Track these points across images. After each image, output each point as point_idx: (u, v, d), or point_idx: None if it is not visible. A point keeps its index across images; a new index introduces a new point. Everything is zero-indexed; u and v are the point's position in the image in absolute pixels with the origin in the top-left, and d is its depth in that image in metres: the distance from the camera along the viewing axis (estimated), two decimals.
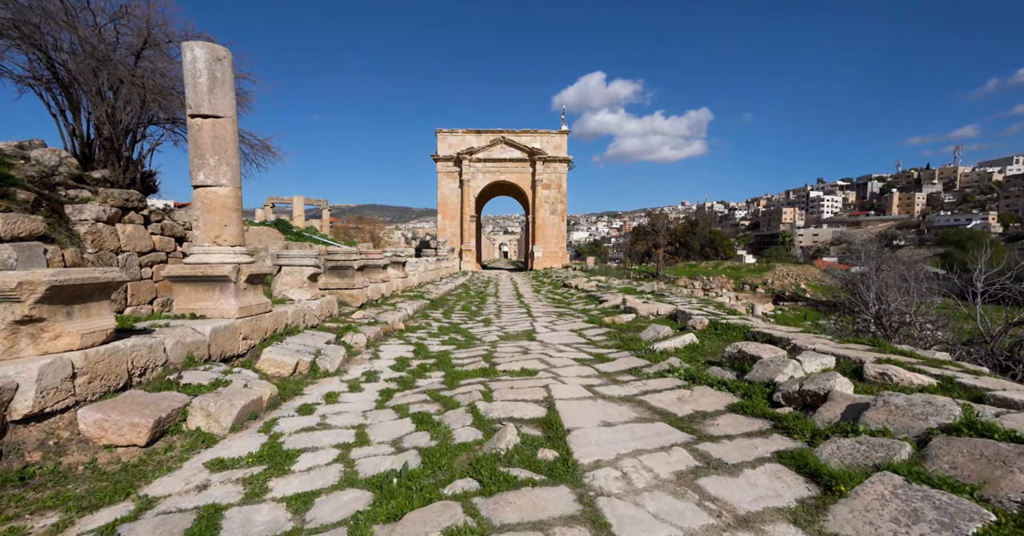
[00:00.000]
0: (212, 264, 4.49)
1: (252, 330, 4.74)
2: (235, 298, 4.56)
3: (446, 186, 33.04)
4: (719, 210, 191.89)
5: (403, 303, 10.00)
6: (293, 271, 6.50)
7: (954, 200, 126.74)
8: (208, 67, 4.43)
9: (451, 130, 32.51)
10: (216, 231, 4.62)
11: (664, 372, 4.72)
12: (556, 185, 32.90)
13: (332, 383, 4.57)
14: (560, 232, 33.20)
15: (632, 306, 9.45)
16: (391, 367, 5.32)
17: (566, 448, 2.91)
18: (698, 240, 54.43)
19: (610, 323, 8.16)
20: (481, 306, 11.88)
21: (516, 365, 5.15)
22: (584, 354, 5.83)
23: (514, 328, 8.20)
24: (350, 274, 8.62)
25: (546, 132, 32.47)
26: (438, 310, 10.74)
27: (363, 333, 6.37)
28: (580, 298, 12.99)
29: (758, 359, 4.38)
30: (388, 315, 8.16)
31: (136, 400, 2.94)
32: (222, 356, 4.26)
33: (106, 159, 6.51)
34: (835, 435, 2.71)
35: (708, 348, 5.80)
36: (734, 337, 6.52)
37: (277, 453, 2.87)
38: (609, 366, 5.17)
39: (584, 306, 11.14)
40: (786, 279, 35.60)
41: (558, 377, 4.69)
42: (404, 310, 8.96)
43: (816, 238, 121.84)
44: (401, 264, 12.57)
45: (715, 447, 2.89)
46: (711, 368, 4.75)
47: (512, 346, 6.48)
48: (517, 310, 10.96)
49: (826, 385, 3.31)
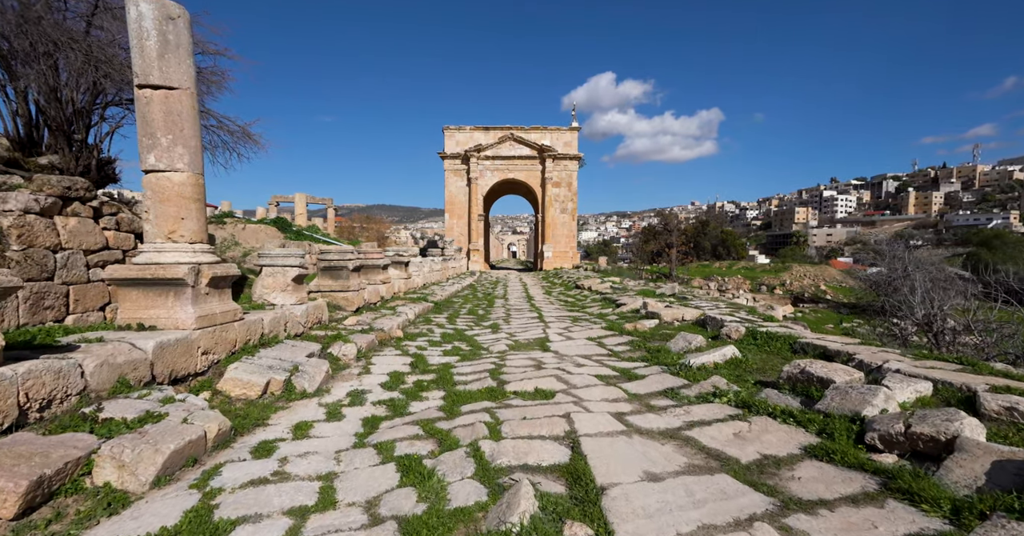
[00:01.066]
0: (164, 265, 3.73)
1: (215, 343, 3.98)
2: (193, 305, 3.80)
3: (453, 184, 32.28)
4: (730, 210, 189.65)
5: (404, 306, 9.23)
6: (275, 272, 5.74)
7: (973, 199, 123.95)
8: (158, 27, 3.67)
9: (459, 127, 31.75)
10: (170, 225, 3.86)
11: (708, 396, 3.89)
12: (566, 183, 32.00)
13: (307, 408, 3.79)
14: (570, 231, 32.30)
15: (654, 311, 8.61)
16: (382, 385, 4.54)
17: (603, 521, 2.10)
18: (709, 240, 53.32)
19: (632, 330, 7.32)
20: (489, 310, 11.08)
21: (529, 385, 4.34)
22: (607, 369, 5.01)
23: (525, 335, 7.39)
24: (344, 275, 7.85)
25: (556, 129, 31.59)
26: (442, 314, 9.96)
27: (354, 343, 5.59)
28: (595, 301, 12.15)
29: (829, 383, 3.53)
30: (385, 320, 7.38)
31: (17, 449, 2.17)
32: (172, 377, 3.50)
33: (55, 143, 5.79)
34: (1000, 515, 1.87)
35: (753, 363, 4.95)
36: (779, 349, 5.67)
37: (203, 526, 2.08)
38: (639, 386, 4.35)
39: (600, 310, 10.31)
40: (804, 280, 34.40)
41: (580, 401, 3.88)
42: (404, 314, 8.18)
43: (830, 238, 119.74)
44: (403, 264, 11.81)
45: (813, 524, 2.06)
46: (765, 391, 3.92)
47: (523, 358, 5.68)
48: (528, 314, 10.14)
49: (948, 428, 2.47)
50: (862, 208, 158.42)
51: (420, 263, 14.86)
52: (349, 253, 7.97)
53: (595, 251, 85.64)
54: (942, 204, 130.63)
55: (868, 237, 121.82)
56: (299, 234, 15.61)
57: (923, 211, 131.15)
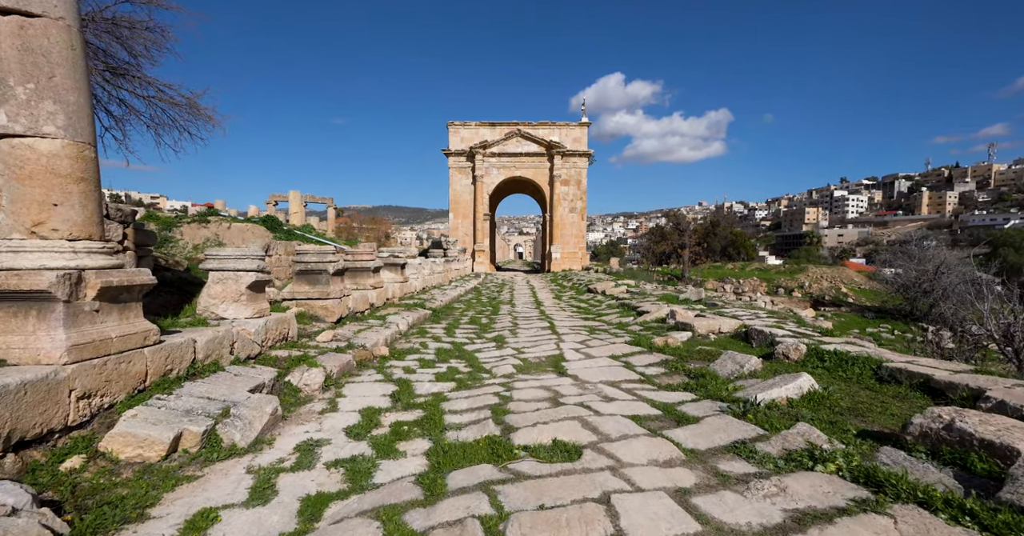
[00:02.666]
0: (21, 271, 2.60)
1: (105, 380, 2.84)
2: (67, 328, 2.67)
3: (458, 183, 31.13)
4: (738, 210, 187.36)
5: (396, 315, 8.09)
6: (225, 278, 4.60)
7: (989, 199, 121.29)
8: None
9: (464, 123, 30.60)
10: (35, 214, 2.73)
11: (802, 458, 2.70)
12: (575, 181, 30.76)
13: (228, 477, 2.63)
14: (579, 231, 31.05)
15: (684, 321, 7.40)
16: (348, 430, 3.39)
17: None
18: (719, 241, 52.04)
19: (662, 346, 6.13)
20: (493, 318, 9.91)
21: (544, 433, 3.18)
22: (644, 406, 3.83)
23: (535, 352, 6.21)
24: (324, 280, 6.70)
25: (565, 124, 30.35)
26: (440, 323, 8.80)
27: (322, 367, 4.44)
28: (611, 307, 10.94)
29: (1011, 453, 2.32)
30: (370, 334, 6.23)
31: None
32: (22, 436, 2.36)
33: None
34: None
35: (840, 400, 3.76)
36: (858, 375, 4.47)
37: None
38: (695, 436, 3.16)
39: (620, 319, 9.11)
40: (822, 282, 32.92)
41: (619, 466, 2.71)
42: (395, 326, 7.03)
43: (841, 239, 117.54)
44: (399, 267, 10.67)
45: None
46: (883, 452, 2.73)
47: (534, 386, 4.51)
48: (537, 324, 8.97)
49: None
50: (874, 208, 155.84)
51: (420, 265, 13.73)
52: (329, 254, 6.83)
53: (602, 252, 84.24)
54: (956, 204, 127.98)
55: (881, 237, 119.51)
56: (290, 233, 14.55)
57: (937, 211, 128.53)
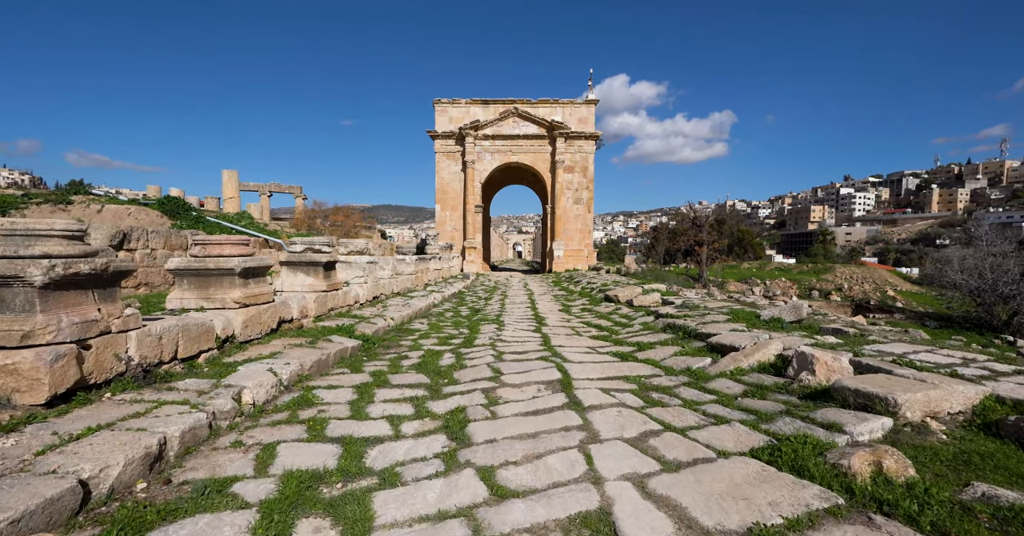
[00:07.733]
0: None
1: None
2: None
3: (446, 170, 27.13)
4: (741, 208, 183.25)
5: (256, 364, 4.16)
6: None
7: (1003, 196, 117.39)
8: None
9: (452, 101, 26.58)
10: None
11: None
12: (581, 167, 26.77)
13: None
14: (586, 225, 27.05)
15: (855, 387, 3.45)
16: None
17: None
18: (726, 239, 48.64)
19: (869, 483, 2.19)
20: (463, 354, 5.98)
21: None
22: None
23: (538, 507, 2.27)
24: (21, 302, 2.76)
25: (569, 102, 26.33)
26: (362, 369, 4.88)
27: None
28: (652, 330, 6.97)
29: None
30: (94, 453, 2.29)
31: None
32: None
33: None
34: None
35: None
36: None
37: None
38: None
39: (680, 358, 5.12)
40: (863, 284, 29.09)
41: None
42: (216, 403, 3.10)
43: (849, 237, 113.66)
44: (318, 266, 6.74)
45: None
46: None
47: None
48: (538, 368, 5.01)
49: None
50: (881, 206, 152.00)
51: (374, 265, 9.79)
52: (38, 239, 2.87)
53: (603, 251, 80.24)
54: (968, 201, 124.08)
55: (891, 236, 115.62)
56: (199, 220, 10.62)
57: (947, 209, 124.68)
